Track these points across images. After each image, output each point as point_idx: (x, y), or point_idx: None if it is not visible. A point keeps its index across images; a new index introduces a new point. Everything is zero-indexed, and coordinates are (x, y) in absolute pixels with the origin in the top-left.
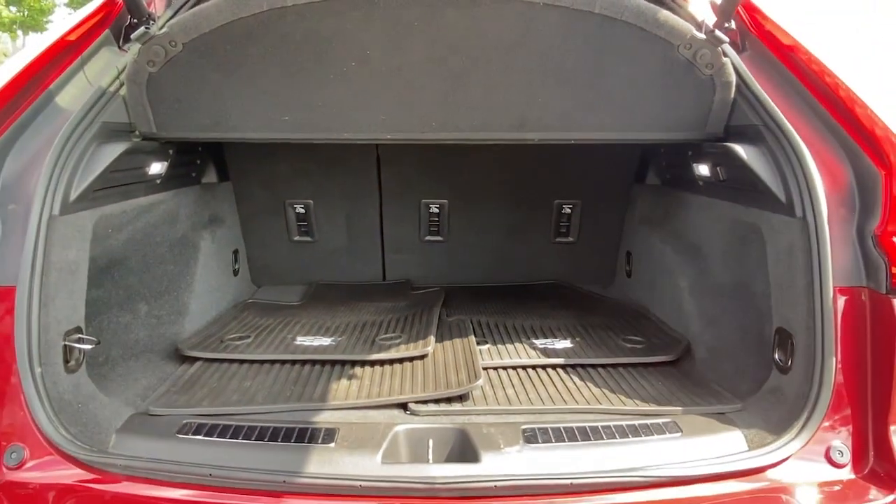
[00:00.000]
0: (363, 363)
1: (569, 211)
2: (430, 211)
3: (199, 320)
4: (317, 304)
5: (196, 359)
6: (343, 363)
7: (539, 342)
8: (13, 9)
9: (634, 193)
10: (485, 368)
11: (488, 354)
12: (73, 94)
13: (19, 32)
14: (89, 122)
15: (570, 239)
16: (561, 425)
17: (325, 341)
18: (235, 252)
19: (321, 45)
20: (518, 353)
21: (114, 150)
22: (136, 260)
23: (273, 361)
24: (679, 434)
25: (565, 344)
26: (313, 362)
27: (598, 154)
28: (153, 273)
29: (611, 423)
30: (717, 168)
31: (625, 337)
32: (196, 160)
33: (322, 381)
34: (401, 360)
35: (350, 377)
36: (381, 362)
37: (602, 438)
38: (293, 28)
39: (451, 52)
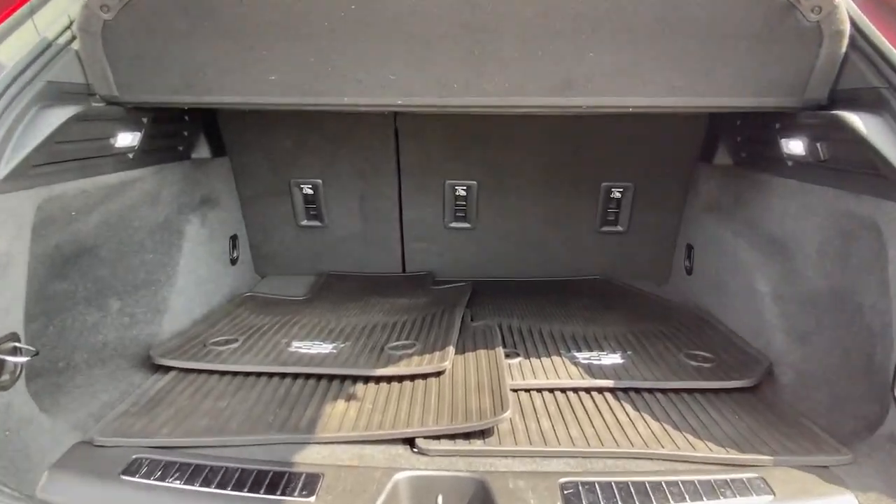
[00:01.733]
0: (366, 379)
1: (618, 195)
2: (457, 193)
3: (182, 319)
4: (323, 300)
5: (169, 368)
6: (342, 379)
7: (582, 356)
8: None
9: (698, 175)
10: (514, 390)
11: (519, 371)
12: (16, 47)
13: None
14: (27, 80)
15: (620, 228)
16: (612, 480)
17: (325, 348)
18: (234, 238)
19: None
20: (556, 371)
21: (59, 116)
22: (110, 248)
23: (259, 374)
24: (770, 498)
25: (614, 359)
26: (307, 376)
27: (654, 126)
28: (128, 263)
29: (678, 479)
30: (817, 144)
31: (688, 351)
32: (182, 131)
33: (313, 403)
34: (412, 377)
35: (348, 398)
36: (388, 379)
37: (668, 501)
38: None
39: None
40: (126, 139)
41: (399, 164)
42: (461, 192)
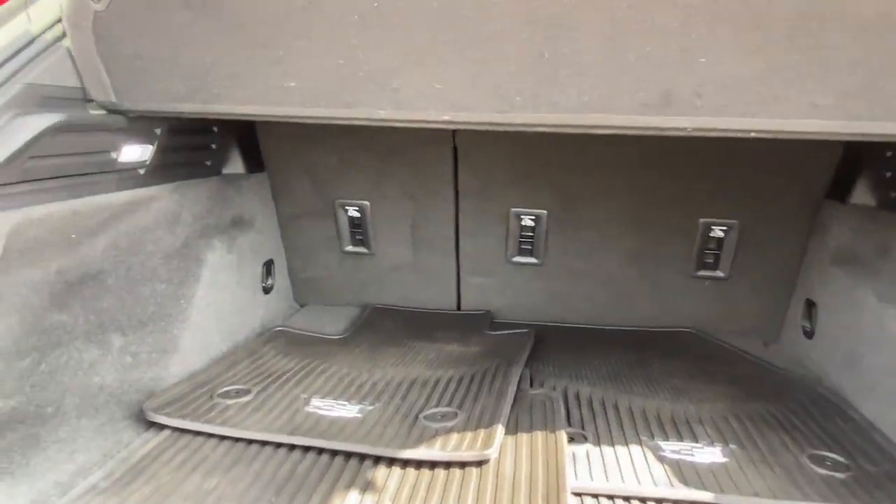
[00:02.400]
0: (390, 462)
1: (720, 234)
2: (523, 223)
3: (196, 359)
4: (361, 340)
5: (165, 426)
6: (361, 458)
7: (670, 448)
8: None
9: (827, 216)
10: (577, 494)
11: (586, 465)
12: (1, 45)
13: None
14: (0, 80)
15: (720, 273)
16: None
17: (350, 410)
18: (269, 264)
19: None
20: (635, 471)
21: (35, 125)
22: (118, 275)
23: (264, 443)
24: None
25: (713, 455)
26: (319, 451)
27: (771, 153)
28: (137, 294)
29: None
30: None
31: (813, 452)
32: (210, 144)
33: (320, 490)
34: (446, 465)
35: (364, 486)
36: (417, 464)
37: None
38: None
39: None
40: (134, 153)
41: (457, 188)
42: (528, 222)
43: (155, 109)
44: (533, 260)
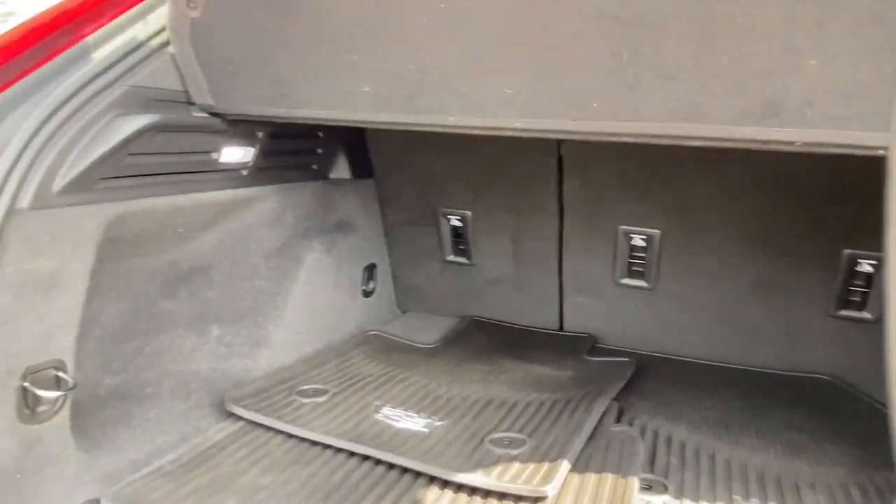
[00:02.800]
0: (444, 483)
1: (869, 269)
2: (633, 243)
3: (286, 356)
4: (450, 353)
5: (240, 417)
6: (415, 475)
7: None
8: None
9: None
10: None
11: None
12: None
13: None
14: (106, 83)
15: (867, 315)
16: None
17: (417, 423)
18: (370, 268)
19: None
20: None
21: (133, 125)
22: (223, 270)
23: (325, 446)
24: None
25: None
26: (376, 461)
27: None
28: (238, 288)
29: None
30: None
31: None
32: (316, 148)
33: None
34: (500, 496)
35: None
36: (471, 490)
37: None
38: None
39: None
40: (235, 154)
41: (562, 202)
42: (639, 242)
43: (248, 113)
44: (643, 283)
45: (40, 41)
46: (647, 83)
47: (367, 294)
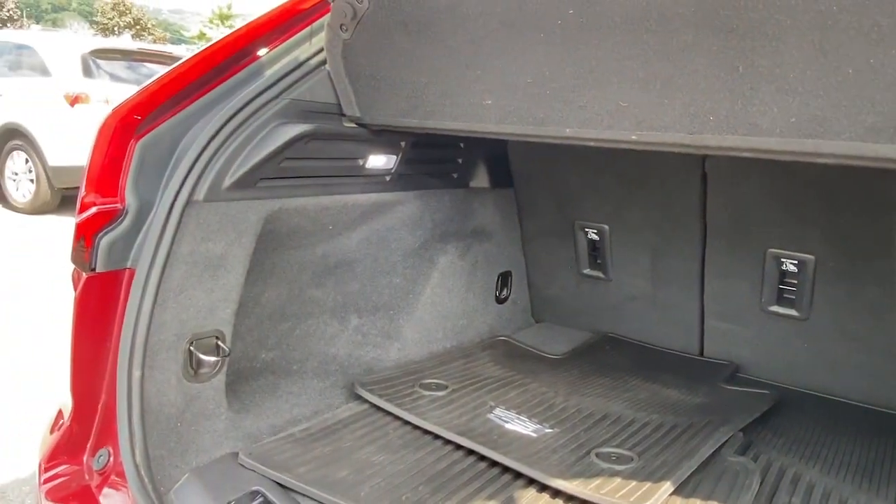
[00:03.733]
0: (542, 487)
1: None
2: (783, 268)
3: (416, 350)
4: (576, 365)
5: (365, 400)
6: (515, 475)
7: None
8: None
9: None
10: None
11: None
12: (279, 66)
13: None
14: (272, 96)
15: None
16: None
17: (526, 427)
18: (505, 275)
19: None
20: None
21: (289, 133)
22: (365, 265)
23: (435, 436)
24: None
25: None
26: (480, 457)
27: None
28: (377, 283)
29: None
30: None
31: None
32: (457, 158)
33: (462, 495)
34: None
35: (505, 502)
36: (567, 498)
37: None
38: None
39: None
40: (379, 161)
41: (705, 221)
42: (790, 266)
43: (388, 123)
44: (794, 312)
45: (224, 60)
46: (765, 96)
47: (499, 300)
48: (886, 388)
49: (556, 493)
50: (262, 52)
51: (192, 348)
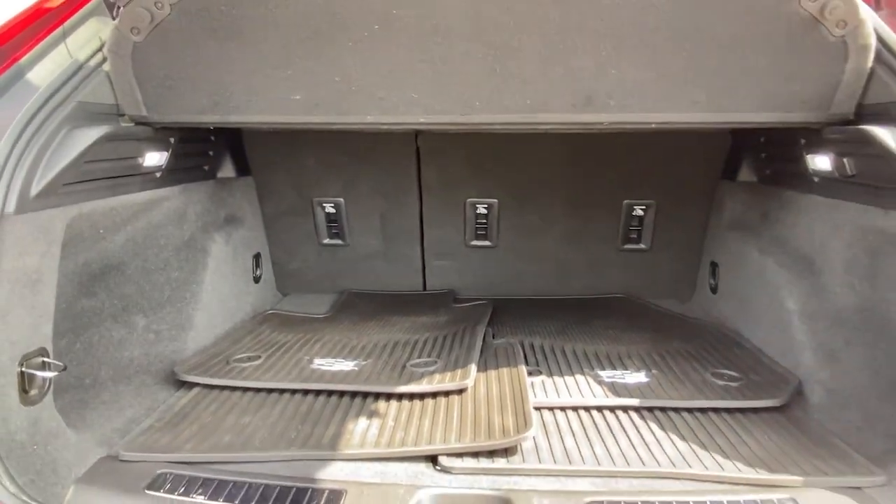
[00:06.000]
0: (388, 396)
1: (641, 213)
2: (477, 212)
3: (206, 335)
4: (344, 318)
5: (193, 384)
6: (364, 395)
7: (605, 374)
8: None
9: (722, 193)
10: (537, 408)
11: (542, 389)
12: (49, 69)
13: None
14: (60, 100)
15: (642, 246)
16: (639, 500)
17: (347, 365)
18: (257, 256)
19: (339, 5)
20: (580, 390)
21: (89, 136)
22: (136, 265)
23: (282, 391)
24: None
25: (638, 378)
26: (329, 393)
27: (677, 143)
28: (154, 281)
29: (706, 500)
30: (844, 160)
31: (714, 370)
32: (208, 151)
33: (335, 420)
34: (434, 395)
35: (370, 414)
36: (410, 396)
37: None
38: None
39: (500, 11)
40: (154, 158)
41: (420, 184)
42: (482, 210)
43: (180, 121)
44: (487, 243)
45: None
46: (511, 87)
47: (256, 280)
48: (546, 283)
49: (401, 396)
50: (18, 53)
51: (23, 369)
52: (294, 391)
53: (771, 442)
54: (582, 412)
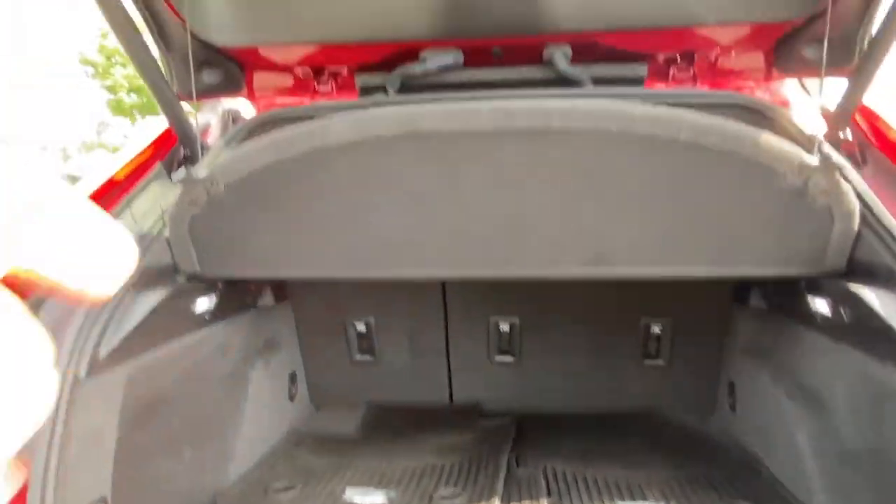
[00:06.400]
0: None
1: (658, 332)
2: (500, 330)
3: (245, 462)
4: (375, 438)
5: None
6: None
7: None
8: (133, 96)
9: (735, 317)
10: None
11: None
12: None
13: (138, 116)
14: None
15: (660, 362)
16: None
17: (377, 497)
18: (293, 375)
19: (368, 181)
20: None
21: (152, 298)
22: (185, 399)
23: None
24: None
25: None
26: None
27: None
28: (200, 412)
29: None
30: (840, 308)
31: (731, 501)
32: (250, 285)
33: None
34: None
35: None
36: None
37: None
38: (337, 166)
39: (512, 186)
40: (204, 304)
41: (446, 304)
42: (504, 328)
43: (229, 276)
44: (510, 359)
45: None
46: (528, 245)
47: (291, 398)
48: (569, 395)
49: None
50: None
51: None
52: None
53: None
54: None
